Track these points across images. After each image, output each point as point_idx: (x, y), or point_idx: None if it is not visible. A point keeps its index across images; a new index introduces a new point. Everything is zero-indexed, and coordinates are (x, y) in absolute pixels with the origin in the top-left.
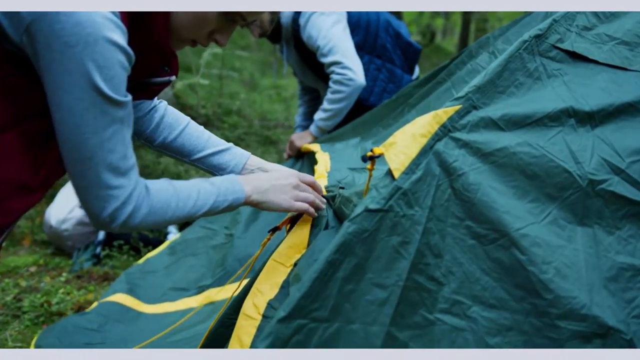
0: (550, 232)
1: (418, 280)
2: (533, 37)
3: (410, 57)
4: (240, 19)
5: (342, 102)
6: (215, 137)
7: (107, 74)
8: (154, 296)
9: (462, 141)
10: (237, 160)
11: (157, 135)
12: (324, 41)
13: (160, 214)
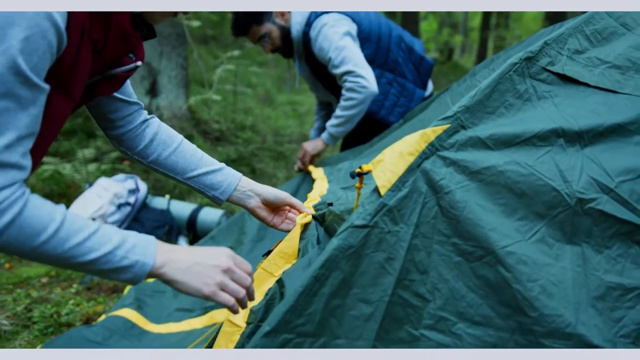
0: (537, 250)
1: (403, 296)
2: (523, 60)
3: (422, 72)
4: None
5: (354, 109)
6: (209, 156)
7: (29, 56)
8: (160, 315)
9: (450, 159)
10: (230, 181)
11: (151, 152)
12: (335, 52)
13: (28, 234)
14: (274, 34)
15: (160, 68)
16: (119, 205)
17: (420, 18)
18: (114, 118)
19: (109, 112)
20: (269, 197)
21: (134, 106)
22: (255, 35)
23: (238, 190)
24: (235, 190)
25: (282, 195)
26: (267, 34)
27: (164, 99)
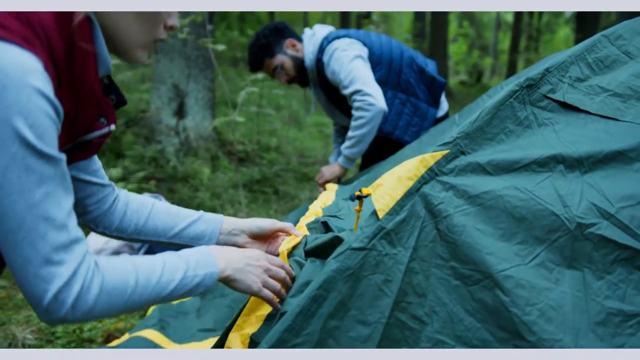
0: (537, 274)
1: (401, 318)
2: (524, 87)
3: (434, 91)
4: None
5: (364, 128)
6: (184, 209)
7: (34, 123)
8: (183, 336)
9: (449, 184)
10: (213, 226)
11: (127, 225)
12: (345, 74)
13: (117, 295)
14: (287, 65)
15: (188, 90)
16: None
17: (449, 40)
18: (89, 203)
19: (85, 197)
20: (254, 230)
21: (108, 188)
22: (269, 68)
23: (223, 233)
24: (220, 233)
25: (267, 225)
26: (280, 65)
27: (191, 120)
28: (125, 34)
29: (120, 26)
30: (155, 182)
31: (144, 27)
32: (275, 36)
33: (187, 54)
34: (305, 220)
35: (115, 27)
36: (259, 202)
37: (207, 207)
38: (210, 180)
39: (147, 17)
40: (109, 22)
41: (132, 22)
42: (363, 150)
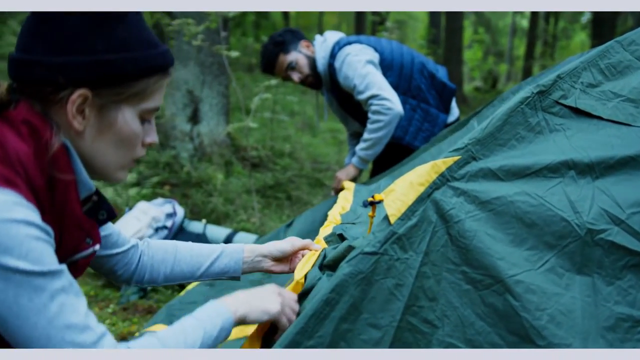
0: (547, 279)
1: (412, 322)
2: (535, 94)
3: (445, 97)
4: (152, 112)
5: (381, 131)
6: (205, 246)
7: (19, 251)
8: None
9: (460, 190)
10: (235, 259)
11: (157, 275)
12: (359, 79)
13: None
14: (301, 62)
15: (202, 96)
16: (157, 229)
17: (464, 46)
18: (117, 269)
19: (112, 267)
20: (276, 254)
21: (130, 250)
22: (282, 65)
23: (246, 262)
24: (244, 263)
25: (287, 248)
26: (294, 61)
27: (205, 126)
28: (103, 159)
29: (97, 152)
30: (169, 187)
31: (120, 151)
32: (290, 35)
33: (202, 61)
34: (324, 233)
35: (92, 154)
36: (272, 207)
37: (220, 212)
38: (223, 186)
39: (123, 141)
40: (86, 149)
41: (108, 147)
42: (378, 153)
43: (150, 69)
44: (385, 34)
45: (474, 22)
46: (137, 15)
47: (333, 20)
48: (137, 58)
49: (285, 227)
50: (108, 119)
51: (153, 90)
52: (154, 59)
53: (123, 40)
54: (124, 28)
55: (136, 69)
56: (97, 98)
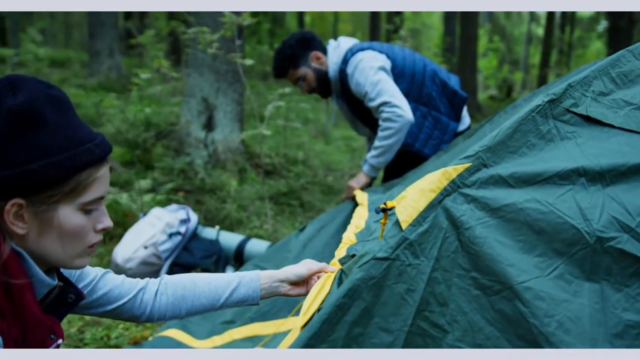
0: (556, 286)
1: (422, 326)
2: (546, 102)
3: (456, 105)
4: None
5: (391, 138)
6: (221, 276)
7: None
8: (204, 331)
9: (471, 197)
10: (253, 287)
11: (178, 310)
12: (371, 87)
13: None
14: (309, 77)
15: (217, 103)
16: (170, 235)
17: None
18: (131, 313)
19: (126, 313)
20: (292, 279)
21: (139, 294)
22: (292, 78)
23: (264, 289)
24: (261, 290)
25: (303, 272)
26: (302, 76)
27: (219, 133)
28: (55, 254)
29: (46, 250)
30: (183, 193)
31: (68, 244)
32: (301, 48)
33: (217, 68)
34: (339, 255)
35: (42, 252)
36: (285, 214)
37: (234, 219)
38: (237, 192)
39: (67, 236)
40: (35, 249)
41: (55, 243)
42: (389, 160)
43: (77, 167)
44: (400, 42)
45: (489, 31)
46: (61, 115)
47: (348, 28)
48: (60, 161)
49: (298, 231)
50: (47, 219)
51: (88, 184)
52: (80, 156)
53: (44, 146)
54: (45, 134)
55: (60, 171)
56: (32, 204)
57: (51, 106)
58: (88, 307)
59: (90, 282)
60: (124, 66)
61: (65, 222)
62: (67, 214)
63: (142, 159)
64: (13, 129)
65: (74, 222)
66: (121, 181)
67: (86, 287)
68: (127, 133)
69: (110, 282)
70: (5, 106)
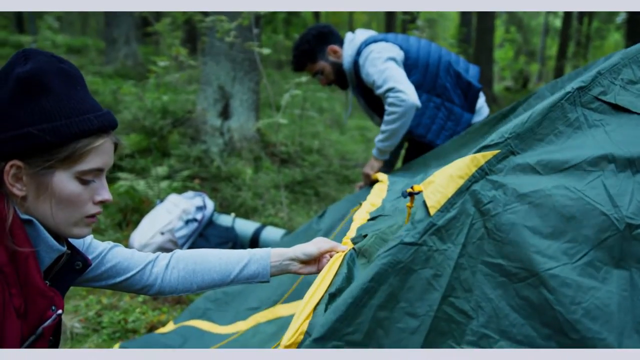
0: (583, 273)
1: (448, 311)
2: (576, 89)
3: (470, 96)
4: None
5: (396, 123)
6: (232, 252)
7: None
8: (228, 317)
9: (499, 183)
10: (263, 264)
11: (190, 284)
12: (378, 75)
13: None
14: (327, 70)
15: (233, 92)
16: (187, 221)
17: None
18: (141, 285)
19: (136, 286)
20: (301, 257)
21: (148, 266)
22: (310, 71)
23: (274, 267)
24: (272, 267)
25: (313, 251)
26: (320, 70)
27: (235, 121)
28: (51, 219)
29: (44, 214)
30: (199, 180)
31: (64, 211)
32: (318, 42)
33: (233, 57)
34: (351, 234)
35: (39, 216)
36: (300, 203)
37: (249, 207)
38: (252, 181)
39: (63, 202)
40: (33, 213)
41: (52, 209)
42: (395, 144)
43: (73, 135)
44: (416, 33)
45: (506, 21)
46: (67, 87)
47: (363, 18)
48: (57, 127)
49: (318, 218)
50: (43, 183)
51: (84, 153)
52: (77, 124)
53: (44, 112)
54: (47, 101)
55: (55, 137)
56: (29, 166)
57: (59, 78)
58: (98, 279)
59: (98, 254)
60: (140, 54)
61: (59, 188)
62: (63, 180)
63: (159, 146)
64: (18, 94)
65: (69, 189)
66: (138, 168)
67: (95, 259)
68: (144, 120)
69: (119, 255)
70: (14, 73)
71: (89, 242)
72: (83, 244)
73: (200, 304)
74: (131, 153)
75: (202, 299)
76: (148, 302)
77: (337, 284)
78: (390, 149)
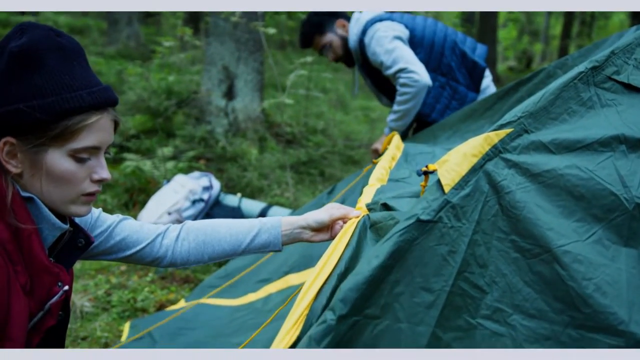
0: (593, 250)
1: (463, 287)
2: (589, 69)
3: (475, 76)
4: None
5: (409, 103)
6: (243, 222)
7: None
8: (239, 291)
9: (512, 162)
10: (274, 234)
11: (201, 256)
12: (386, 55)
13: None
14: (335, 44)
15: (238, 72)
16: (194, 201)
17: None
18: (152, 257)
19: (147, 258)
20: (313, 225)
21: (157, 239)
22: (318, 45)
23: (285, 235)
24: (283, 235)
25: (325, 219)
26: (329, 43)
27: (240, 102)
28: (48, 196)
29: (41, 192)
30: (204, 161)
31: (60, 189)
32: (326, 14)
33: (238, 37)
34: (366, 195)
35: (38, 193)
36: (305, 183)
37: (255, 187)
38: (257, 161)
39: (58, 180)
40: (33, 191)
41: (47, 186)
42: (407, 123)
43: (63, 112)
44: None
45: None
46: (63, 62)
47: None
48: (47, 104)
49: (327, 194)
50: (37, 161)
51: (76, 130)
52: (68, 101)
53: (36, 88)
54: (39, 77)
55: (45, 114)
56: (22, 143)
57: (54, 52)
58: (108, 253)
59: (107, 228)
60: (143, 34)
61: (53, 166)
62: (56, 158)
63: (164, 127)
64: (10, 69)
65: (62, 167)
66: (143, 149)
67: (103, 233)
68: (149, 101)
69: (128, 228)
70: (9, 47)
71: (97, 215)
72: (91, 218)
73: (210, 282)
74: (136, 134)
75: (212, 276)
76: (157, 282)
77: (346, 260)
78: (403, 128)
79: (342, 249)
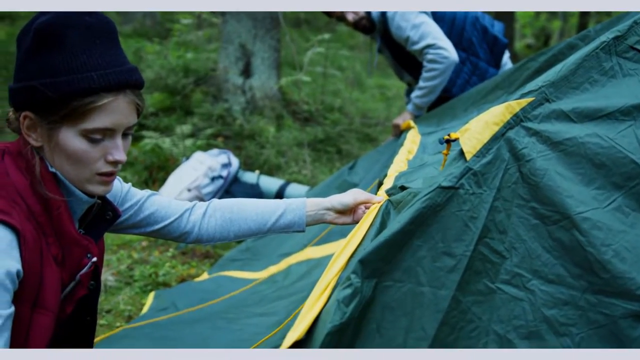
0: (613, 217)
1: (483, 252)
2: (611, 39)
3: (496, 51)
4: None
5: (436, 79)
6: (268, 202)
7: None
8: (261, 266)
9: (533, 130)
10: (299, 214)
11: (227, 233)
12: (413, 31)
13: None
14: None
15: (254, 50)
16: (213, 178)
17: None
18: (178, 232)
19: (174, 233)
20: (338, 207)
21: (185, 214)
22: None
23: (309, 216)
24: (307, 217)
25: (349, 201)
26: None
27: (257, 80)
28: (66, 174)
29: (59, 168)
30: (222, 138)
31: (74, 166)
32: None
33: (254, 15)
34: (387, 184)
35: (60, 169)
36: (323, 160)
37: (273, 164)
38: (275, 139)
39: (71, 158)
40: (55, 166)
41: (63, 163)
42: (432, 100)
43: (73, 92)
44: None
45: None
46: (85, 41)
47: None
48: (59, 83)
49: (348, 169)
50: (52, 137)
51: (87, 111)
52: (79, 82)
53: (52, 66)
54: (57, 55)
55: (56, 93)
56: (40, 119)
57: (77, 30)
58: (137, 226)
59: (136, 202)
60: (159, 13)
61: (65, 144)
62: (68, 137)
63: (182, 105)
64: (33, 45)
65: (74, 146)
66: (162, 126)
67: (132, 207)
68: (167, 79)
69: (156, 203)
70: (35, 23)
71: (127, 189)
72: (121, 192)
73: (232, 255)
74: (155, 111)
75: (234, 250)
76: (177, 257)
77: (371, 236)
78: (427, 104)
79: (366, 227)
